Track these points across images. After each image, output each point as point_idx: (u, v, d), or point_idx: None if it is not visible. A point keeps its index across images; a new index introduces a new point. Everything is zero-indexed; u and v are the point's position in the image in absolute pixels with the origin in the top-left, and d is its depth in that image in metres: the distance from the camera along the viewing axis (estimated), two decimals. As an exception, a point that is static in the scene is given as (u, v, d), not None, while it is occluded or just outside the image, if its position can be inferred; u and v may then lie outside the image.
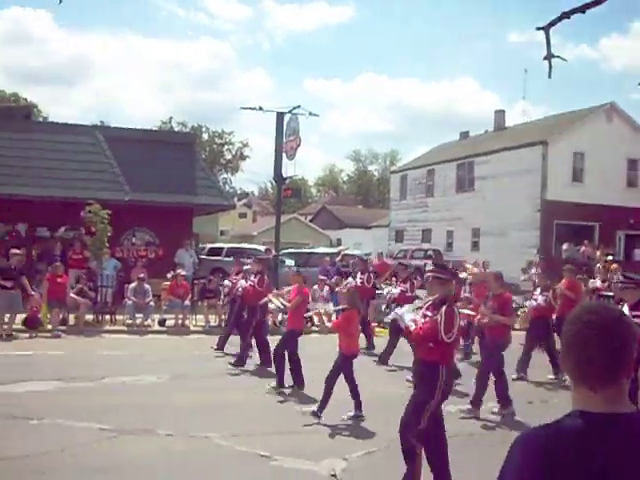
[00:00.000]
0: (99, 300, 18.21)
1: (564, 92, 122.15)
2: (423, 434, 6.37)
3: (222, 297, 17.52)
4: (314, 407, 8.95)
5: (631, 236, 35.42)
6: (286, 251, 29.18)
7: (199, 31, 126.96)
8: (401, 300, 12.84)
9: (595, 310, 2.10)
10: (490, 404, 9.85)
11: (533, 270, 20.35)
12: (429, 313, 6.51)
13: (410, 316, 6.79)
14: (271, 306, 11.83)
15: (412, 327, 6.62)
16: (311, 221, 65.19)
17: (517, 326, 14.51)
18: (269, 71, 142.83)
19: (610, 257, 24.69)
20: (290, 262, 27.40)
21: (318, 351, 11.91)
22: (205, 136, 77.32)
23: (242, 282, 13.39)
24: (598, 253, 29.61)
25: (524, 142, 36.66)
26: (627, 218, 34.92)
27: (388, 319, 8.00)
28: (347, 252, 26.15)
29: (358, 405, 8.96)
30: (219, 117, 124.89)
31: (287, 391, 10.61)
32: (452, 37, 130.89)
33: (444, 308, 6.41)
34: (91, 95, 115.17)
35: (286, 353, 10.78)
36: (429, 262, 26.19)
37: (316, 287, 19.15)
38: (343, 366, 8.87)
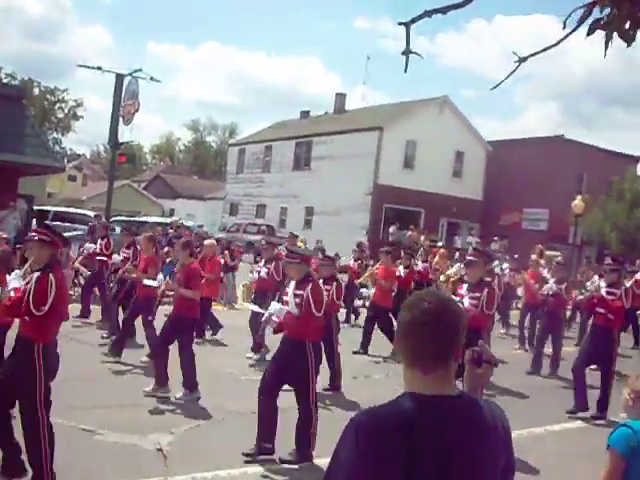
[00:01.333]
0: None
1: (402, 81, 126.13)
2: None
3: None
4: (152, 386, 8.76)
5: (453, 224, 37.45)
6: (116, 218, 28.32)
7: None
8: (262, 286, 12.66)
9: (429, 298, 2.22)
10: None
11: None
12: (298, 292, 6.88)
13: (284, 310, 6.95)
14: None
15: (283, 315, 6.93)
16: (144, 189, 63.58)
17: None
18: (110, 29, 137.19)
19: (435, 243, 25.82)
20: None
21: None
22: (36, 91, 73.21)
23: (116, 257, 12.90)
24: (422, 238, 30.97)
25: (361, 126, 37.61)
26: (451, 207, 36.84)
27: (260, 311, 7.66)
28: (182, 223, 25.66)
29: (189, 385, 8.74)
30: (53, 72, 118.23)
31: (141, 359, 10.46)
32: (301, 15, 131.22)
33: (309, 286, 6.86)
34: None
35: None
36: (262, 237, 26.35)
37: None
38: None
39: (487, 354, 2.34)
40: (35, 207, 30.31)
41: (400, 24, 4.34)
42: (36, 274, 5.56)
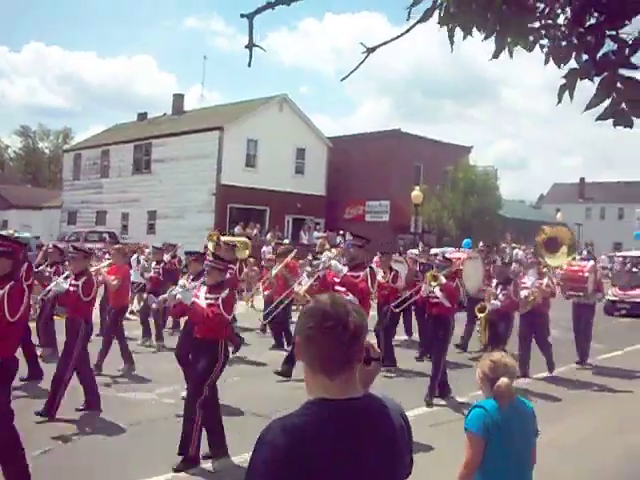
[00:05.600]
0: None
1: (238, 81, 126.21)
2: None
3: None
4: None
5: (298, 220, 37.79)
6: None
7: None
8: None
9: (329, 303, 2.21)
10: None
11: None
12: (210, 296, 7.16)
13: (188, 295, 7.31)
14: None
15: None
16: (-27, 200, 60.03)
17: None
18: None
19: (281, 241, 25.94)
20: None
21: None
22: None
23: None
24: (269, 236, 31.11)
25: (201, 127, 37.18)
26: (295, 203, 37.18)
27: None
28: (17, 235, 24.28)
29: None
30: None
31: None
32: (129, 15, 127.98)
33: (225, 292, 7.15)
34: None
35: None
36: (104, 244, 25.41)
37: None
38: None
39: (375, 352, 2.32)
40: None
41: (242, 16, 4.22)
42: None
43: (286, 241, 26.85)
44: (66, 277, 9.02)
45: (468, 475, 3.98)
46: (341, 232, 28.72)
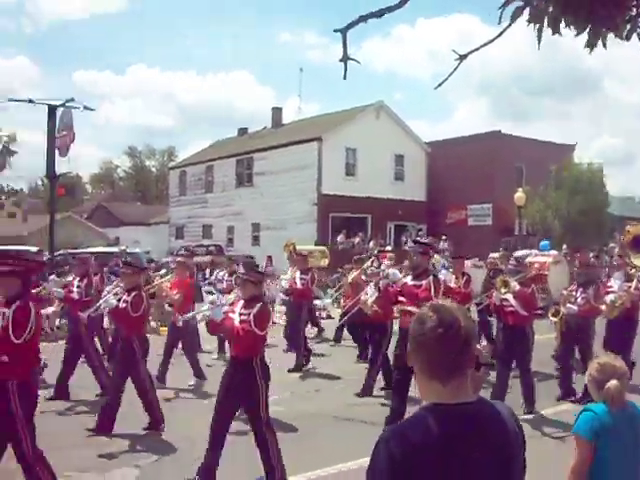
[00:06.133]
0: None
1: (334, 91, 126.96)
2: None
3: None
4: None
5: (400, 226, 37.72)
6: (62, 252, 27.76)
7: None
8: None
9: (440, 309, 2.26)
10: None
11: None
12: (244, 311, 6.61)
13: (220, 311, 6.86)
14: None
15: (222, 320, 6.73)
16: (87, 219, 62.64)
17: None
18: (34, 59, 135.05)
19: (383, 248, 25.97)
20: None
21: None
22: (-34, 130, 71.75)
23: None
24: (372, 244, 31.18)
25: (300, 138, 37.66)
26: (396, 210, 37.12)
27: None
28: (128, 250, 25.30)
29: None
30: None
31: (68, 404, 9.99)
32: (224, 33, 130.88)
33: (257, 307, 6.56)
34: None
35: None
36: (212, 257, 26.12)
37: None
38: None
39: (483, 357, 2.38)
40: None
41: (336, 31, 4.32)
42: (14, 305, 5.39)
43: (389, 248, 26.88)
44: (116, 293, 9.03)
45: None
46: (443, 237, 28.51)
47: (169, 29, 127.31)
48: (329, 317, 19.44)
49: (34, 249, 26.20)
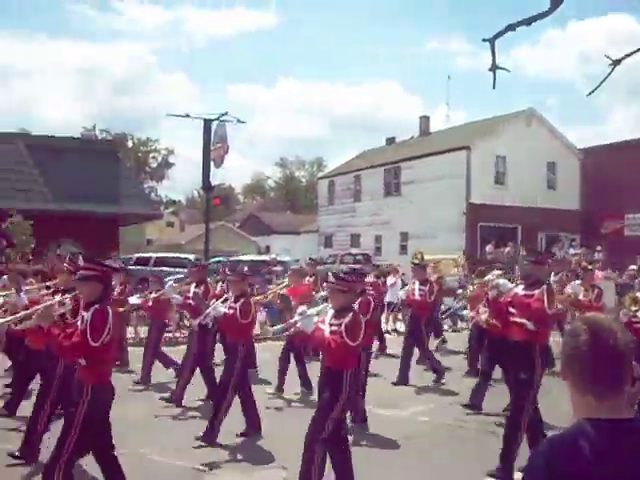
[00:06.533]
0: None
1: (482, 98, 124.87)
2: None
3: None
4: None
5: (552, 237, 36.51)
6: (215, 259, 28.92)
7: (116, 35, 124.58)
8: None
9: (594, 322, 2.20)
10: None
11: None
12: (335, 322, 6.30)
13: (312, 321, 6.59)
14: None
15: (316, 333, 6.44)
16: (239, 228, 64.87)
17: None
18: (191, 76, 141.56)
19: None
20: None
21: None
22: (130, 144, 76.14)
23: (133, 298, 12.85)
24: (524, 252, 30.36)
25: (448, 147, 37.35)
26: (548, 219, 35.97)
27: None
28: (278, 259, 26.03)
29: None
30: (143, 124, 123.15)
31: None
32: (371, 42, 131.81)
33: (348, 317, 6.22)
34: (8, 102, 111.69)
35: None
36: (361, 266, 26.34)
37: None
38: None
39: (637, 371, 2.27)
40: (136, 254, 31.45)
41: (484, 41, 4.33)
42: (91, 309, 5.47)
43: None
44: (224, 301, 9.07)
45: None
46: (598, 248, 27.38)
47: (317, 42, 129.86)
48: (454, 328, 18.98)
49: (191, 256, 27.49)
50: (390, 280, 18.30)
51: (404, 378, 12.27)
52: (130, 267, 25.84)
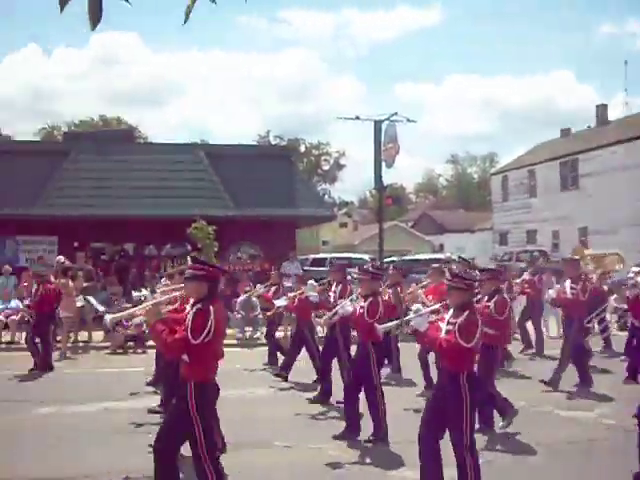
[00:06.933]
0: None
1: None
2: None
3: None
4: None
5: None
6: (389, 259, 29.12)
7: (283, 43, 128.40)
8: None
9: None
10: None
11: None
12: (452, 320, 6.12)
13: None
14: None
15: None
16: (412, 227, 64.90)
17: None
18: (358, 78, 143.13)
19: None
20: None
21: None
22: (302, 148, 78.20)
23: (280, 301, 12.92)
24: None
25: (628, 136, 35.49)
26: None
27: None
28: (453, 257, 25.81)
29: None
30: (313, 127, 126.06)
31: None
32: (539, 31, 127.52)
33: (463, 317, 6.04)
34: (184, 114, 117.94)
35: None
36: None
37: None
38: None
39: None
40: (312, 255, 32.27)
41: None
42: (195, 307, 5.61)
43: None
44: (353, 299, 8.96)
45: None
46: None
47: (482, 37, 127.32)
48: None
49: (365, 256, 27.87)
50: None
51: (586, 380, 11.49)
52: (306, 268, 26.61)
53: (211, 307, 5.52)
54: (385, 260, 26.14)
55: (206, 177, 23.71)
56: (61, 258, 19.26)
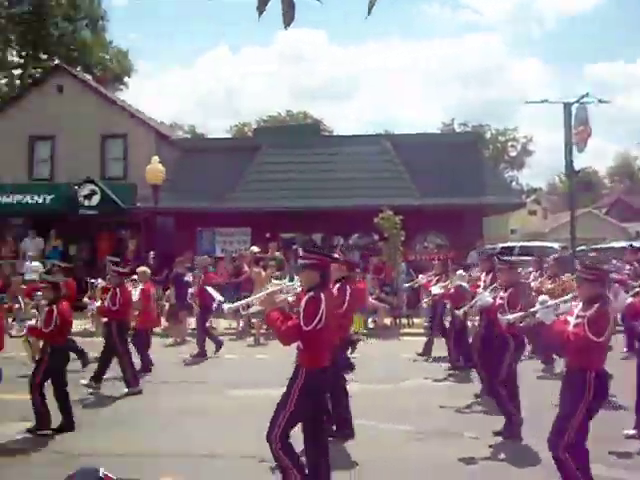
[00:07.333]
0: (395, 304, 18.89)
1: None
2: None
3: None
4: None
5: None
6: (580, 248, 27.85)
7: (466, 29, 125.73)
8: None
9: None
10: None
11: None
12: (581, 313, 5.81)
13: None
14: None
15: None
16: (606, 214, 61.71)
17: None
18: (545, 60, 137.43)
19: None
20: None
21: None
22: (488, 134, 76.53)
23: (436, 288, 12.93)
24: None
25: None
26: None
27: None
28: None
29: None
30: (499, 112, 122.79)
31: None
32: None
33: (593, 309, 5.72)
34: (368, 106, 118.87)
35: None
36: None
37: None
38: None
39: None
40: (500, 244, 31.54)
41: None
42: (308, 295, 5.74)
43: None
44: (492, 289, 8.66)
45: None
46: None
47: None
48: None
49: (557, 245, 26.85)
50: None
51: None
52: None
53: (322, 295, 5.68)
54: (577, 249, 25.03)
55: (392, 167, 23.79)
56: (255, 248, 20.17)
